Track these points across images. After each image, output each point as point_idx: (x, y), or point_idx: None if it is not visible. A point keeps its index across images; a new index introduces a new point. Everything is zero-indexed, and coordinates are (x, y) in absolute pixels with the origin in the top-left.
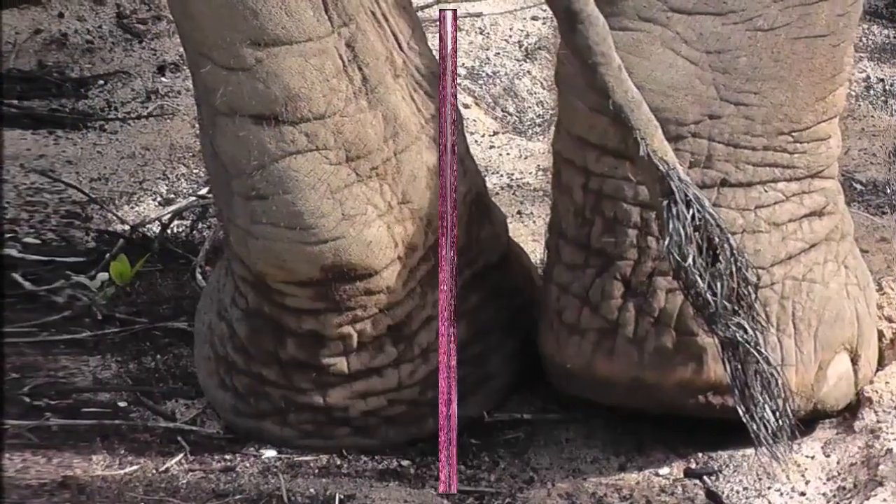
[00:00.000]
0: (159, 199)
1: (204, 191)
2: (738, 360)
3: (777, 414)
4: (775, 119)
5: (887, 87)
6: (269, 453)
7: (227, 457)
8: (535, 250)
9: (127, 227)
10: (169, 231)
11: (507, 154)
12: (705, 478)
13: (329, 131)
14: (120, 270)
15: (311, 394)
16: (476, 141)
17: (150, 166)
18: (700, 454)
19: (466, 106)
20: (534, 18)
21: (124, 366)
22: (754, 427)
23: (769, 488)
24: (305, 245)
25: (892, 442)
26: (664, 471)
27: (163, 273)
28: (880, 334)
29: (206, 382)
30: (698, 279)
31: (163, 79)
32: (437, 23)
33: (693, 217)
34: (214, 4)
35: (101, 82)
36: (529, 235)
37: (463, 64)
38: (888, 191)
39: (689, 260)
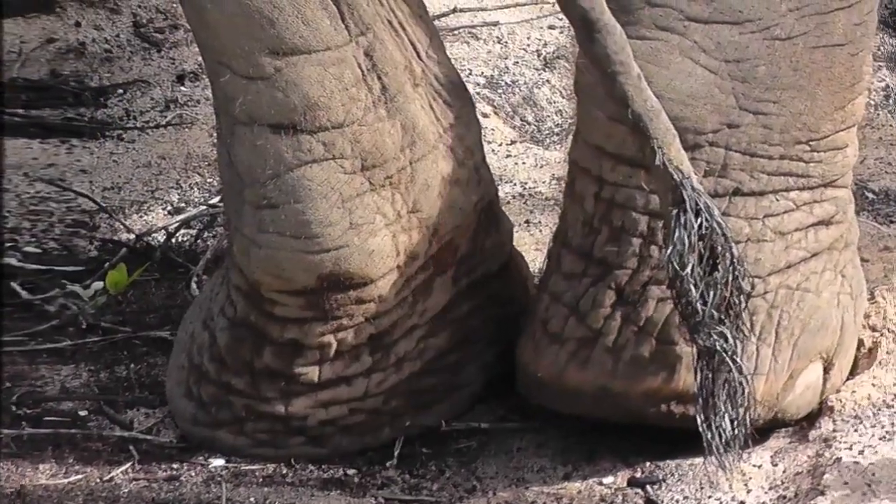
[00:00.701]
0: (169, 208)
1: (215, 200)
2: (711, 368)
3: (734, 423)
4: (794, 128)
5: None
6: (217, 462)
7: (175, 466)
8: (537, 259)
9: (132, 236)
10: (174, 240)
11: (523, 163)
12: (648, 487)
13: (347, 140)
14: (116, 279)
15: (274, 403)
16: (493, 150)
17: (165, 175)
18: (648, 463)
19: (485, 115)
20: (551, 27)
21: (95, 375)
22: (708, 435)
23: (709, 497)
24: (307, 254)
25: (843, 451)
26: (608, 480)
27: (158, 282)
28: (860, 343)
29: (173, 391)
30: (692, 288)
31: (182, 88)
32: (454, 31)
33: (700, 226)
34: (230, 14)
35: (121, 91)
36: (534, 244)
37: (482, 73)
38: None
39: (688, 269)
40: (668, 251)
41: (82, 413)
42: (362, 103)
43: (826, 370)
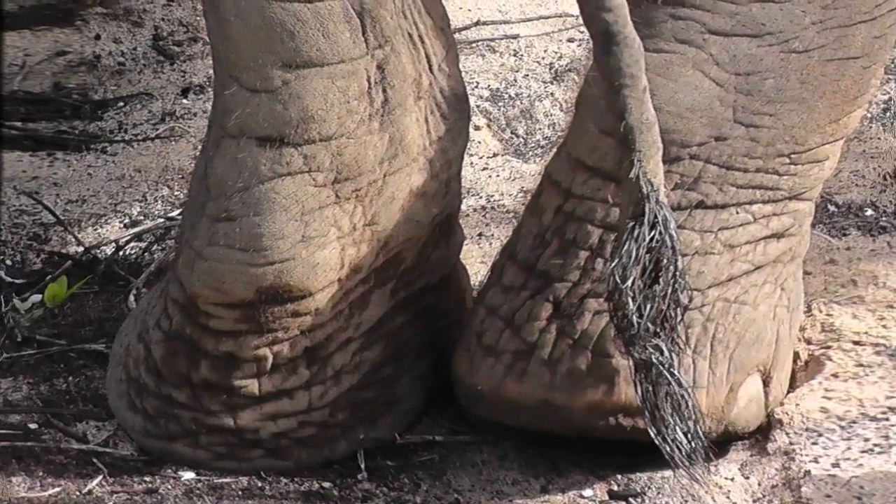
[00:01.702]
0: (127, 220)
1: (175, 213)
2: (650, 382)
3: (689, 436)
4: (780, 141)
5: None
6: (188, 475)
7: (147, 478)
8: (480, 272)
9: (81, 249)
10: (121, 253)
11: (497, 176)
12: (630, 500)
13: (329, 153)
14: (55, 292)
15: (221, 416)
16: (472, 163)
17: (134, 188)
18: (619, 476)
19: (477, 128)
20: (570, 41)
21: (35, 388)
22: (667, 449)
23: None
24: (250, 267)
25: (809, 464)
26: (587, 493)
27: (97, 295)
28: (796, 356)
29: (116, 405)
30: (630, 301)
31: (184, 101)
32: (472, 44)
33: (652, 239)
34: (253, 26)
35: (121, 104)
36: (481, 257)
37: (488, 86)
38: (865, 213)
39: (629, 282)
40: (613, 263)
41: (32, 426)
42: (358, 116)
43: (766, 383)
